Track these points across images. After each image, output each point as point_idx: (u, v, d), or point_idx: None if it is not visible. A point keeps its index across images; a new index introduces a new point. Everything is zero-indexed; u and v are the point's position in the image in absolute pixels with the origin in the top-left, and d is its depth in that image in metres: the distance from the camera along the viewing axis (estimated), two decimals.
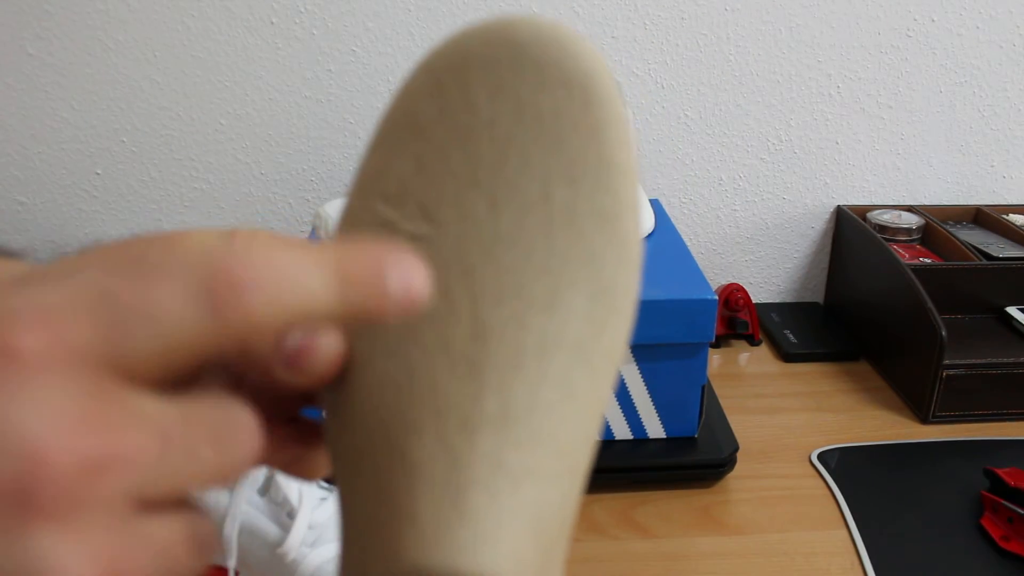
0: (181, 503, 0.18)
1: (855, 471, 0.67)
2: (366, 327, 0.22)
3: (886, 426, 0.74)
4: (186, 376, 0.18)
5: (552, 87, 0.23)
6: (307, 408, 0.25)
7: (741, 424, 0.71)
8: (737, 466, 0.66)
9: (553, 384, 0.22)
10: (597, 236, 0.23)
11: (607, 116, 0.23)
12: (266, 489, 0.51)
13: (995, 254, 0.83)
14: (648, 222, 0.73)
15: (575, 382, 0.22)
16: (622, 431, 0.66)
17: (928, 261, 0.84)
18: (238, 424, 0.18)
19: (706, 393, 0.66)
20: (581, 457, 0.22)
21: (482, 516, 0.20)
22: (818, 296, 0.98)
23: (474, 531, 0.20)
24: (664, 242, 0.73)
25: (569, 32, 0.23)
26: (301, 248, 0.19)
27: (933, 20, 0.86)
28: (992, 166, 0.93)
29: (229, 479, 0.18)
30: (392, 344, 0.22)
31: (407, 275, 0.20)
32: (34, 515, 0.15)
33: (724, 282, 0.94)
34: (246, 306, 0.17)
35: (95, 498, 0.15)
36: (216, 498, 0.50)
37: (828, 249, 0.96)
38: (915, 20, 0.86)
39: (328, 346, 0.20)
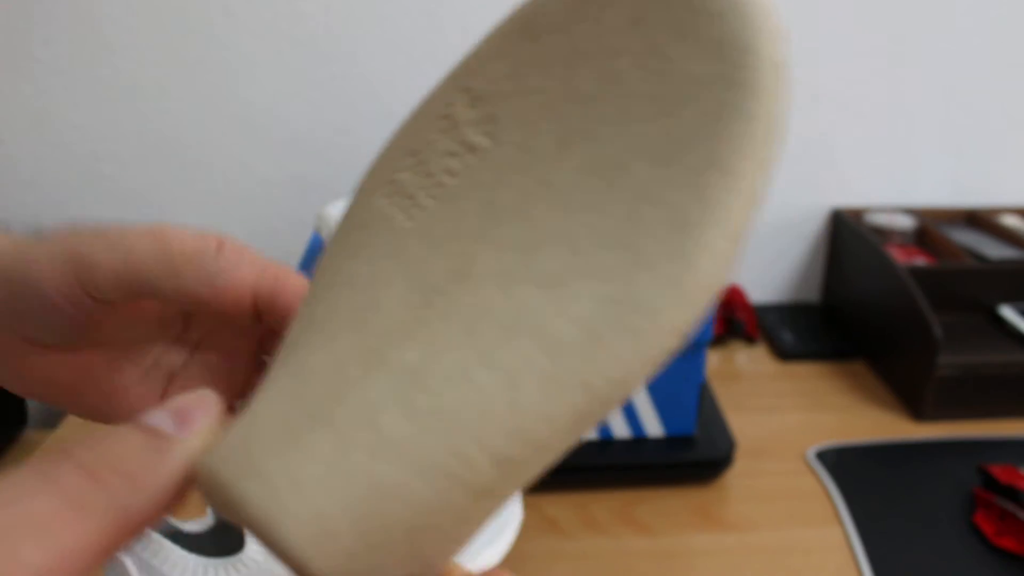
0: None
1: (851, 469, 0.67)
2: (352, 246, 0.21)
3: (881, 425, 0.74)
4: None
5: (698, 44, 0.17)
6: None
7: (739, 423, 0.72)
8: (734, 464, 0.66)
9: (495, 370, 0.17)
10: (653, 245, 0.17)
11: (749, 110, 0.17)
12: None
13: (988, 255, 0.84)
14: None
15: (523, 384, 0.17)
16: (621, 430, 0.67)
17: (922, 262, 0.85)
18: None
19: (704, 392, 0.66)
20: (483, 468, 0.17)
21: (309, 455, 0.16)
22: (815, 297, 0.99)
23: (287, 465, 0.16)
24: None
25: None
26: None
27: (930, 21, 0.86)
28: (986, 168, 0.94)
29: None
30: (376, 252, 0.20)
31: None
32: None
33: None
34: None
35: None
36: None
37: (824, 250, 0.96)
38: (911, 21, 0.86)
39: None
